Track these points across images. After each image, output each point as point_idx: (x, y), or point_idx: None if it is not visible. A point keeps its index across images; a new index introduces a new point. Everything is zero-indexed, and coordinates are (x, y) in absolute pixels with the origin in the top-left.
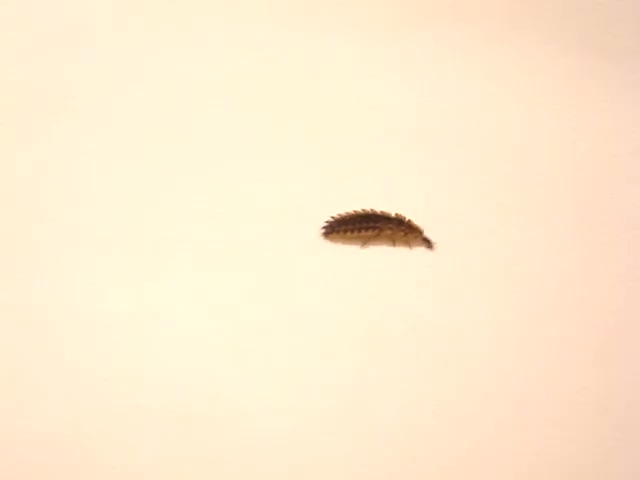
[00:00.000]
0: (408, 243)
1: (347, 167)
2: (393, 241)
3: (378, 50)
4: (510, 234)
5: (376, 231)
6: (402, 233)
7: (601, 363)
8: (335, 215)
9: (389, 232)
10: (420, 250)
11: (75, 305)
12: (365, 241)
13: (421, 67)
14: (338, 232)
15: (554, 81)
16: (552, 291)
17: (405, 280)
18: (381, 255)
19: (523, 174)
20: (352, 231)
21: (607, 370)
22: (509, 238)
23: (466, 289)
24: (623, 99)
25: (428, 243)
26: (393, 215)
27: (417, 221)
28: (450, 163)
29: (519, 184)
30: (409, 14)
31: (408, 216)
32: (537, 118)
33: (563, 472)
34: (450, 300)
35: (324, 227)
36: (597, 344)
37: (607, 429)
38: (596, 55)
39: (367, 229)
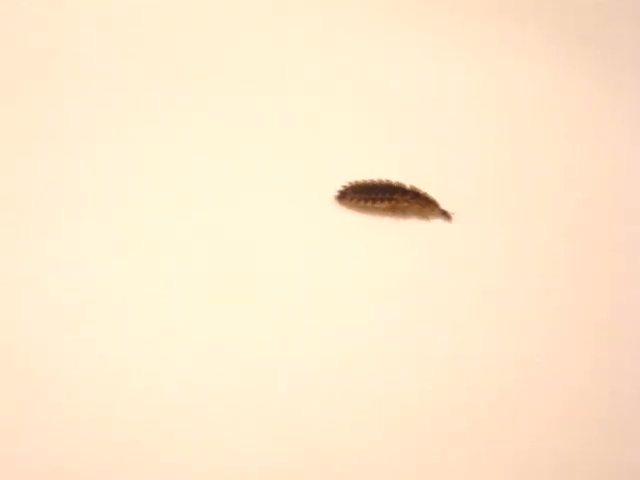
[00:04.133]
0: (425, 216)
1: (363, 138)
2: (405, 214)
3: (391, 27)
4: (512, 222)
5: (392, 203)
6: (418, 206)
7: (600, 355)
8: (352, 182)
9: (405, 204)
10: (426, 224)
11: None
12: (380, 212)
13: (434, 46)
14: (351, 199)
15: (561, 75)
16: (555, 285)
17: (412, 253)
18: (392, 227)
19: (527, 163)
20: (365, 200)
21: (605, 362)
22: (511, 225)
23: (470, 273)
24: (626, 94)
25: (446, 215)
26: (408, 187)
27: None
28: (460, 144)
29: (523, 173)
30: None
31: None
32: (542, 111)
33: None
34: (457, 277)
35: (338, 191)
36: (598, 337)
37: (607, 424)
38: (598, 50)
39: (382, 200)
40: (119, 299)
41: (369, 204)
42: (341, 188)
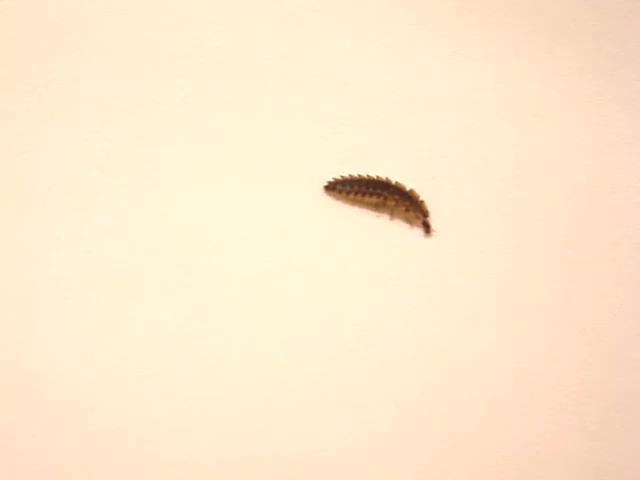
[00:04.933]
0: (408, 221)
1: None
2: (392, 214)
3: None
4: (509, 230)
5: (380, 199)
6: (404, 208)
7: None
8: (345, 175)
9: (393, 203)
10: (418, 232)
11: None
12: (368, 207)
13: (431, 44)
14: (340, 192)
15: (562, 76)
16: (550, 291)
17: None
18: (380, 226)
19: (525, 170)
20: (355, 194)
21: (606, 363)
22: (508, 235)
23: (459, 282)
24: (627, 94)
25: (427, 229)
26: (407, 189)
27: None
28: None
29: (520, 179)
30: None
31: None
32: (540, 113)
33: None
34: (442, 286)
35: (328, 182)
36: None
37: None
38: (601, 58)
39: (371, 195)
40: (117, 293)
41: (358, 197)
42: (331, 179)
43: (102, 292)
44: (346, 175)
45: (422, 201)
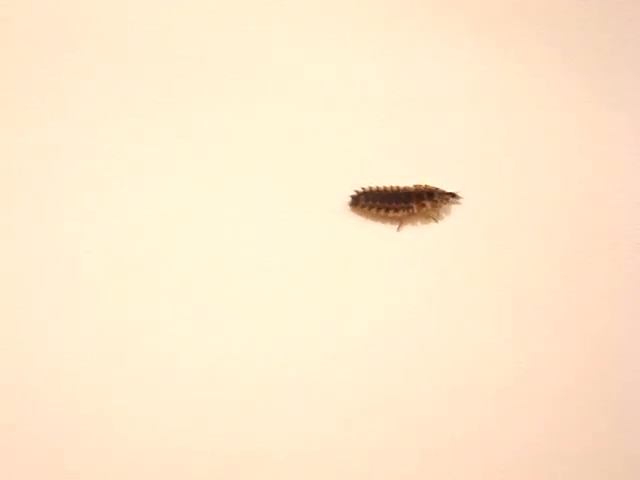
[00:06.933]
0: (437, 213)
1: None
2: (429, 217)
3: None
4: (509, 229)
5: (409, 211)
6: (437, 205)
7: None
8: (365, 187)
9: (423, 209)
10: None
11: None
12: (399, 221)
13: (439, 52)
14: (363, 206)
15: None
16: (553, 298)
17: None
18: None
19: (525, 170)
20: (378, 209)
21: (608, 365)
22: (508, 234)
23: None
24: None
25: (454, 196)
26: (413, 188)
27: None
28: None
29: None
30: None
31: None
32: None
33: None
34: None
35: (351, 197)
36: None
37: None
38: (601, 58)
39: (397, 210)
40: (118, 294)
41: (382, 212)
42: (354, 193)
43: (103, 292)
44: (367, 187)
45: (437, 189)
